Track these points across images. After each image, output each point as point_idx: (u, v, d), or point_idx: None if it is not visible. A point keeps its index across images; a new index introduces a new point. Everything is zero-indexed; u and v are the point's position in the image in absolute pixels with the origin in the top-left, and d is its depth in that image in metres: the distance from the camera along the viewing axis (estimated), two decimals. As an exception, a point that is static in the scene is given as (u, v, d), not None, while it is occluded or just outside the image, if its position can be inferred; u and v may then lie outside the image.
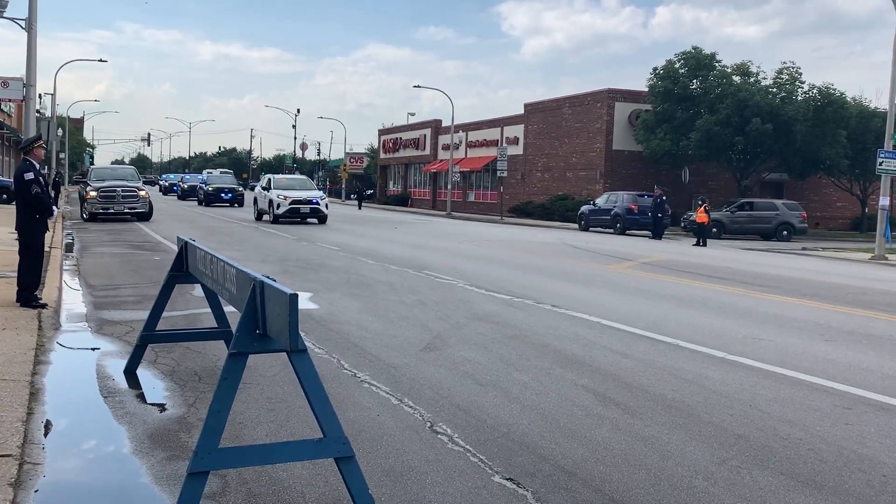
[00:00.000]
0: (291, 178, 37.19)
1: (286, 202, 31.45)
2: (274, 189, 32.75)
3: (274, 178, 35.07)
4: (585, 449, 5.55)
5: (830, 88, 41.49)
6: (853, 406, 6.88)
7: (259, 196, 34.59)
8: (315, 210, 31.84)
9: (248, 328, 4.30)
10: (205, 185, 48.78)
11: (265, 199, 33.15)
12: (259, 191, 35.05)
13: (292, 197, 31.78)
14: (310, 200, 31.85)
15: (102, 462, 5.30)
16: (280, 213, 31.39)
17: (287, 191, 32.51)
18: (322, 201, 32.30)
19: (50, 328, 9.17)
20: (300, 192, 32.69)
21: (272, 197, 32.08)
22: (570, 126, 49.49)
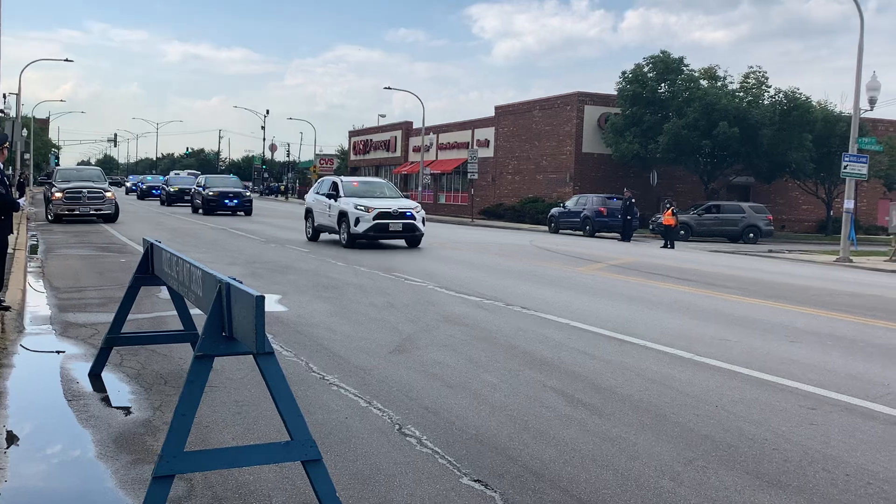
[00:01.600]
0: (369, 182, 25.80)
1: (368, 215, 21.98)
2: (345, 196, 23.09)
3: (343, 181, 24.33)
4: (553, 450, 5.57)
5: (796, 93, 42.06)
6: (818, 406, 6.96)
7: (317, 206, 24.49)
8: (410, 227, 22.51)
9: (214, 330, 4.26)
10: (202, 188, 40.57)
11: (330, 210, 23.40)
12: (316, 199, 24.83)
13: (377, 208, 22.23)
14: (403, 212, 22.42)
15: (66, 466, 5.23)
16: (360, 230, 22.02)
17: (365, 199, 22.89)
18: (418, 214, 22.80)
19: (13, 331, 9.03)
20: (386, 202, 22.96)
21: (345, 208, 22.45)
22: (541, 129, 49.70)
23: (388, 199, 23.41)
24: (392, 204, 22.75)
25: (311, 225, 24.74)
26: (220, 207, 39.60)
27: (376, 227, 21.97)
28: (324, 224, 23.99)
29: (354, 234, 22.07)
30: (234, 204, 39.85)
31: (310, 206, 25.09)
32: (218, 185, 41.43)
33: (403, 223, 22.33)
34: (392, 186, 26.42)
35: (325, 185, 25.01)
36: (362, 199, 22.73)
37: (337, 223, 22.95)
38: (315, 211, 24.52)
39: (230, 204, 39.76)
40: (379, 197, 23.65)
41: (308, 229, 24.95)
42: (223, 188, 40.51)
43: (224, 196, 39.81)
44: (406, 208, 22.70)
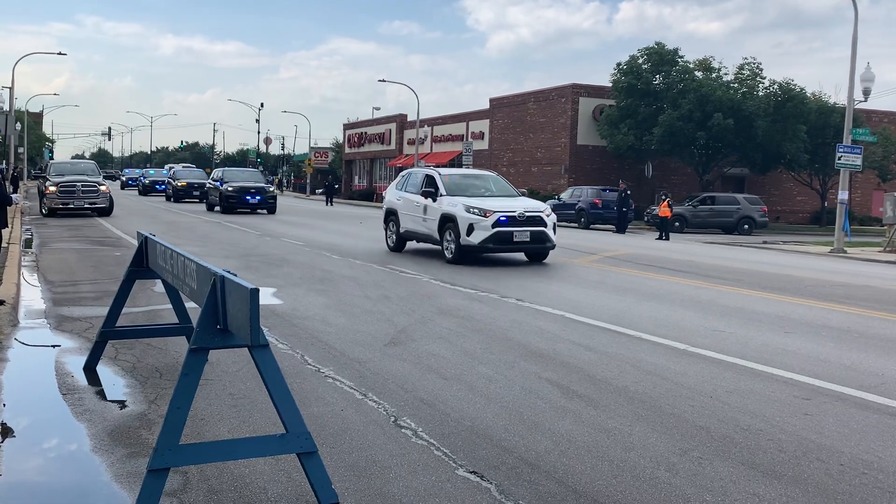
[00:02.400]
0: (473, 176, 19.68)
1: (485, 221, 16.37)
2: (449, 195, 17.50)
3: (442, 173, 18.54)
4: (549, 441, 5.58)
5: (791, 84, 42.02)
6: (812, 397, 6.98)
7: (404, 206, 19.04)
8: (539, 237, 16.89)
9: (208, 323, 4.26)
10: (221, 183, 35.96)
11: (427, 213, 17.85)
12: (403, 197, 19.32)
13: (496, 210, 16.56)
14: (532, 217, 16.79)
15: (61, 460, 5.22)
16: (475, 241, 16.42)
17: (475, 198, 17.31)
18: (549, 219, 17.10)
19: (8, 325, 9.01)
20: (503, 202, 17.26)
21: (451, 211, 16.88)
22: (535, 121, 49.66)
23: (505, 199, 17.65)
24: (514, 205, 17.02)
25: (394, 231, 19.34)
26: (241, 204, 35.28)
27: (497, 236, 16.33)
28: (415, 230, 18.43)
29: (467, 246, 16.41)
30: (257, 201, 35.48)
31: (392, 207, 19.63)
32: (238, 179, 36.96)
33: (532, 231, 16.57)
34: (500, 179, 19.64)
35: (415, 180, 19.22)
36: (472, 199, 17.11)
37: (438, 230, 17.26)
38: (401, 213, 19.01)
39: (252, 201, 35.41)
40: (490, 195, 18.02)
41: (390, 237, 19.57)
42: (244, 183, 36.18)
43: (245, 192, 35.32)
44: (534, 211, 16.92)
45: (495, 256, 17.99)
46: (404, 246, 19.37)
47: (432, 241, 17.77)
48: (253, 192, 35.56)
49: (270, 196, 36.00)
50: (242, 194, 35.32)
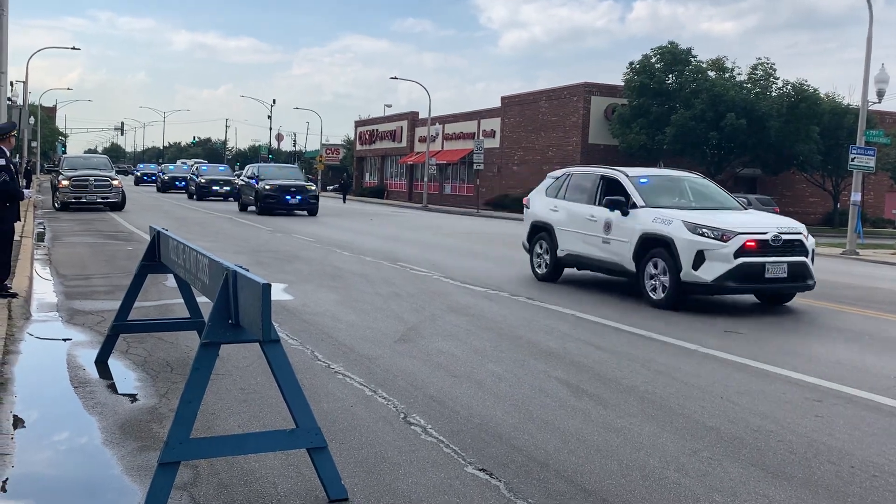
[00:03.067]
0: (671, 178, 14.08)
1: (725, 247, 11.22)
2: (647, 207, 12.38)
3: (629, 174, 13.28)
4: (558, 440, 5.57)
5: (804, 85, 41.85)
6: (823, 398, 6.95)
7: (568, 221, 13.89)
8: (800, 272, 11.69)
9: (220, 318, 4.28)
10: (256, 181, 32.52)
11: (610, 231, 12.74)
12: (561, 206, 14.21)
13: (741, 231, 11.40)
14: (791, 242, 11.68)
15: (73, 453, 5.25)
16: (709, 278, 11.24)
17: (696, 213, 12.18)
18: (809, 243, 12.05)
19: (20, 318, 9.06)
20: (738, 217, 12.23)
21: (660, 230, 11.82)
22: (547, 119, 49.58)
23: (732, 213, 12.47)
24: (758, 223, 11.80)
25: (546, 254, 14.15)
26: (280, 205, 31.82)
27: (742, 270, 11.15)
28: (587, 255, 13.15)
29: (692, 283, 11.34)
30: (297, 201, 32.03)
31: (543, 221, 14.39)
32: (277, 177, 33.42)
33: (790, 264, 11.44)
34: (709, 183, 14.30)
35: (582, 183, 13.90)
36: (692, 214, 11.95)
37: (634, 258, 12.06)
38: (560, 230, 13.81)
39: (291, 201, 31.91)
40: (706, 207, 12.66)
41: (539, 261, 14.36)
42: (283, 181, 32.68)
43: (284, 191, 31.84)
44: (792, 232, 11.73)
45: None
46: (560, 274, 14.10)
47: (618, 271, 12.51)
48: (293, 191, 32.28)
49: (312, 196, 32.88)
50: (281, 194, 31.83)
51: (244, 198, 34.27)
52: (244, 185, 34.63)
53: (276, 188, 31.82)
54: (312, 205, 32.71)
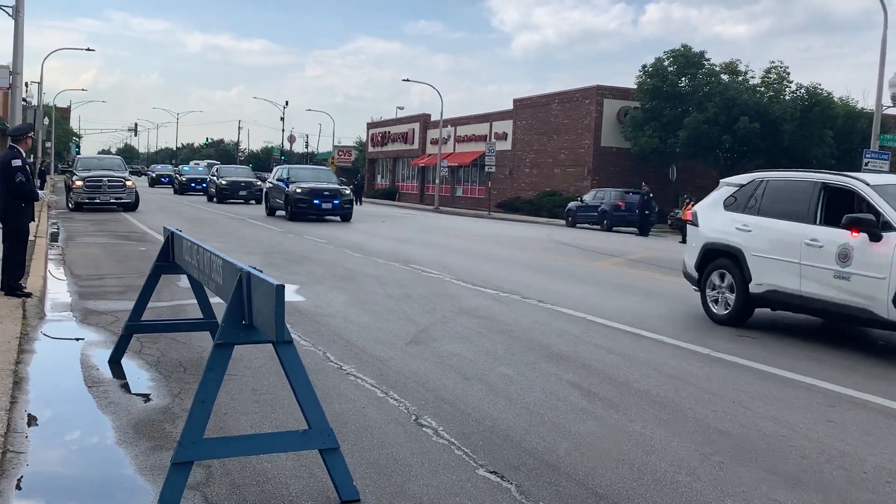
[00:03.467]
0: None
1: None
2: None
3: (871, 182, 9.51)
4: (570, 443, 5.57)
5: (818, 88, 41.67)
6: (836, 404, 6.93)
7: (762, 242, 10.32)
8: None
9: (234, 319, 4.30)
10: (286, 184, 29.82)
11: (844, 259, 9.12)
12: (755, 224, 10.50)
13: None
14: None
15: (86, 451, 5.29)
16: None
17: None
18: None
19: (34, 317, 9.12)
20: None
21: None
22: (559, 122, 49.53)
23: None
24: None
25: (731, 288, 10.71)
26: (312, 210, 29.31)
27: None
28: (807, 294, 9.72)
29: None
30: (332, 206, 29.57)
31: (725, 244, 10.93)
32: (308, 179, 30.84)
33: None
34: None
35: (791, 195, 10.39)
36: None
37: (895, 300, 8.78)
38: (757, 257, 10.42)
39: (325, 206, 29.39)
40: None
41: (719, 296, 10.94)
42: (316, 184, 30.16)
43: (317, 195, 29.14)
44: None
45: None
46: (750, 316, 10.76)
47: (864, 319, 9.17)
48: (327, 195, 29.81)
49: (347, 200, 30.56)
50: (313, 197, 29.21)
51: (272, 201, 31.85)
52: (272, 187, 32.23)
53: (307, 192, 29.36)
54: (346, 210, 30.23)
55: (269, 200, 32.38)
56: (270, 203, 32.03)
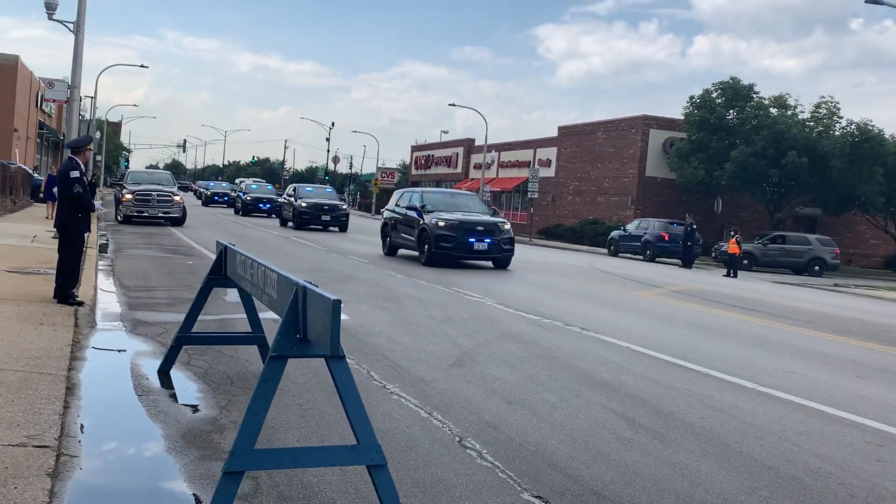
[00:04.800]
0: None
1: None
2: None
3: None
4: (614, 471, 5.54)
5: (869, 125, 41.17)
6: (885, 443, 6.81)
7: None
8: None
9: (289, 332, 4.36)
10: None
11: None
12: None
13: None
14: None
15: (136, 458, 5.38)
16: None
17: None
18: None
19: (86, 326, 9.30)
20: None
21: None
22: (604, 151, 49.46)
23: None
24: None
25: None
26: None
27: None
28: None
29: None
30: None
31: None
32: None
33: None
34: None
35: None
36: None
37: None
38: None
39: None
40: None
41: None
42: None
43: (469, 232, 21.33)
44: None
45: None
46: None
47: None
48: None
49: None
50: (464, 235, 21.41)
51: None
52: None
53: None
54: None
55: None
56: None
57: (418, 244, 22.02)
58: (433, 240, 21.25)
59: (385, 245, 24.78)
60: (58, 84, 24.70)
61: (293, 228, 32.65)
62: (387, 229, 24.81)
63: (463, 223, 21.49)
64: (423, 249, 21.66)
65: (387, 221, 24.99)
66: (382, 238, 25.23)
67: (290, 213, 34.61)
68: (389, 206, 25.61)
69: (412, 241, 22.53)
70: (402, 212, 23.81)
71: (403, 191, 26.08)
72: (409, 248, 23.03)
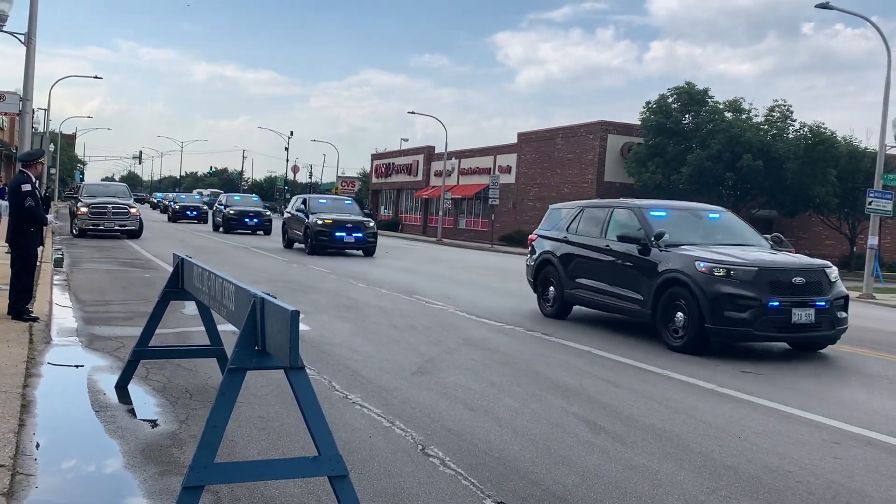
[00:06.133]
0: None
1: None
2: None
3: None
4: (576, 475, 5.57)
5: (821, 127, 41.92)
6: (841, 441, 6.93)
7: None
8: None
9: (247, 344, 4.33)
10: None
11: None
12: None
13: None
14: None
15: (95, 475, 5.30)
16: None
17: None
18: None
19: (41, 342, 9.15)
20: None
21: None
22: (563, 157, 49.80)
23: None
24: None
25: None
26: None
27: None
28: None
29: None
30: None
31: None
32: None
33: None
34: None
35: None
36: None
37: None
38: None
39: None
40: None
41: None
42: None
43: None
44: None
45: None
46: None
47: None
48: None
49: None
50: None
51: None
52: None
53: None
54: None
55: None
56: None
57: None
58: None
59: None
60: (9, 96, 24.24)
61: (307, 253, 26.49)
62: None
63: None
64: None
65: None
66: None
67: (298, 231, 28.24)
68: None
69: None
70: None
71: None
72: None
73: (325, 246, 26.78)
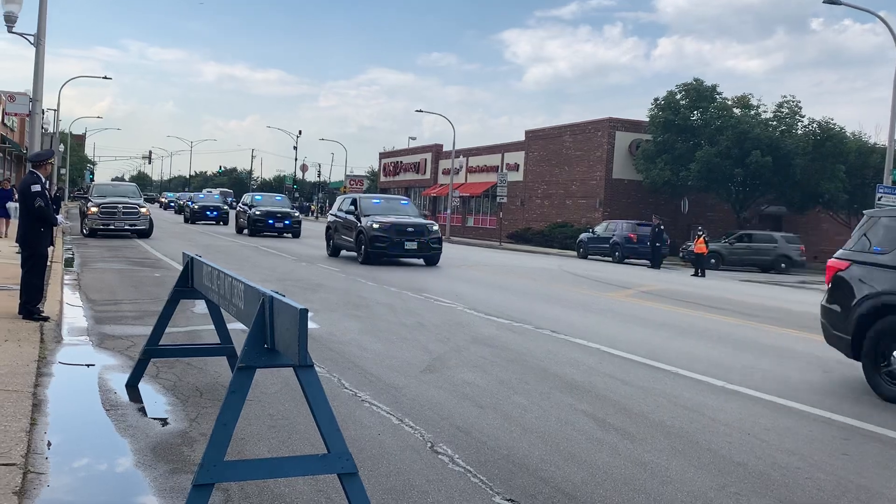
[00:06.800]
0: None
1: None
2: None
3: None
4: (585, 472, 5.58)
5: (830, 123, 41.80)
6: (851, 437, 6.91)
7: None
8: None
9: (256, 342, 4.35)
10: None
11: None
12: None
13: None
14: None
15: (105, 473, 5.33)
16: None
17: None
18: None
19: (52, 341, 9.19)
20: None
21: None
22: (571, 154, 49.75)
23: None
24: None
25: None
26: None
27: None
28: None
29: None
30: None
31: None
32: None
33: None
34: None
35: None
36: None
37: None
38: None
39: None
40: None
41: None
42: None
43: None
44: None
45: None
46: None
47: None
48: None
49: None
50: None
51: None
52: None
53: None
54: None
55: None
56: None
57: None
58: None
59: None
60: (19, 97, 24.36)
61: (360, 262, 23.12)
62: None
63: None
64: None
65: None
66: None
67: (348, 237, 24.51)
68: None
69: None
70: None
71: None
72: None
73: (382, 254, 23.10)
